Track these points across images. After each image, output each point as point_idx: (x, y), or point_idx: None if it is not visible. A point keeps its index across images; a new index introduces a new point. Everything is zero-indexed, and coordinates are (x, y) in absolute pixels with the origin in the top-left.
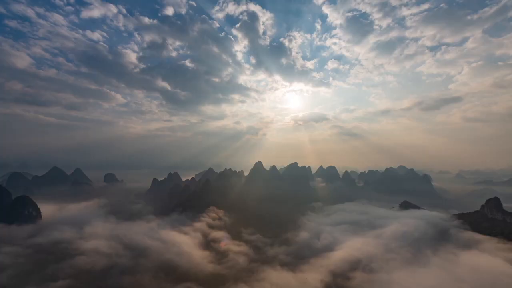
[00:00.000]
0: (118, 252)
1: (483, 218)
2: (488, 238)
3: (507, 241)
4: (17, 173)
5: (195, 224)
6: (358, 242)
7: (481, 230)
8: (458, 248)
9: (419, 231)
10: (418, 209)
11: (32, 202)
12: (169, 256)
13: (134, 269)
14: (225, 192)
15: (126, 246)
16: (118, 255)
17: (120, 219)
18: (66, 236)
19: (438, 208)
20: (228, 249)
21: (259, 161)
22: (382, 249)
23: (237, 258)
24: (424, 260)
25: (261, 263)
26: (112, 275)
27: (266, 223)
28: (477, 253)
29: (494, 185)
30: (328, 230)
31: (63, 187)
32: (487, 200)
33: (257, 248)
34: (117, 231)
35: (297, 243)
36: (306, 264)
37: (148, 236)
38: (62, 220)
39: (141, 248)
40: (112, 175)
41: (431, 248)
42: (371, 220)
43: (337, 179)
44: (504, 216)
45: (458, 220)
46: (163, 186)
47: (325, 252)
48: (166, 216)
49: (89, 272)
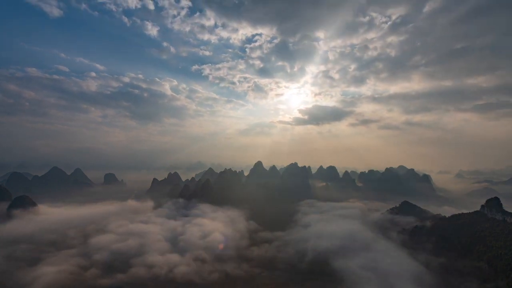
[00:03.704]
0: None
1: (483, 218)
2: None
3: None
4: (17, 173)
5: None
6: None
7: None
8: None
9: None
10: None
11: (32, 202)
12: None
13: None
14: (225, 192)
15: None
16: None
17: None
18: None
19: (438, 208)
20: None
21: (259, 161)
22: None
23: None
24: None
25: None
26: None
27: (266, 223)
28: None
29: (494, 185)
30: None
31: (63, 187)
32: (487, 200)
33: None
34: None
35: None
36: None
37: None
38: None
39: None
40: (112, 175)
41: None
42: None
43: (337, 179)
44: (504, 216)
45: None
46: (163, 186)
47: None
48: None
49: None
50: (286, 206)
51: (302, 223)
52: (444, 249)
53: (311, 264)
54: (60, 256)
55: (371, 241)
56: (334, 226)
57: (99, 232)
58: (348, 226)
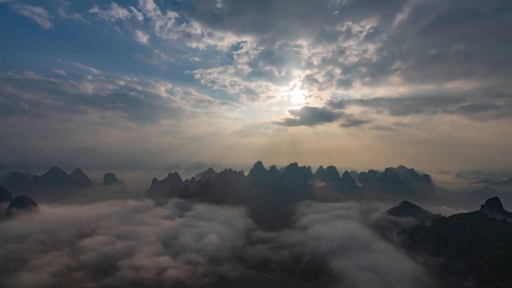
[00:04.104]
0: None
1: (483, 218)
2: None
3: None
4: (17, 173)
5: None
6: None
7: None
8: None
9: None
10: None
11: (32, 202)
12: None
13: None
14: (225, 192)
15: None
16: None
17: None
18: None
19: (438, 208)
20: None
21: (259, 161)
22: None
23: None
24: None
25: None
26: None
27: (265, 223)
28: None
29: (494, 185)
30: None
31: (63, 187)
32: (487, 200)
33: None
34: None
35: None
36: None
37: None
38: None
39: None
40: (112, 175)
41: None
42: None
43: (337, 179)
44: (504, 216)
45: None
46: (163, 186)
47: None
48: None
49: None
50: (286, 206)
51: (302, 223)
52: (444, 249)
53: (309, 264)
54: (49, 258)
55: (371, 241)
56: (333, 226)
57: (95, 233)
58: (347, 226)
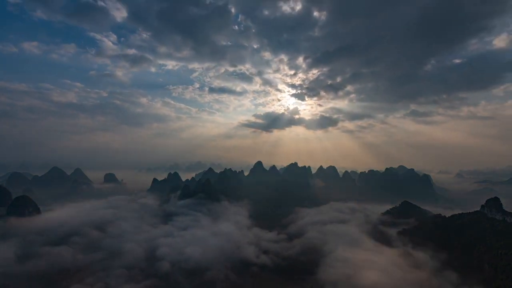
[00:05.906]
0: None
1: (483, 218)
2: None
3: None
4: (17, 173)
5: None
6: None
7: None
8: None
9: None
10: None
11: (32, 202)
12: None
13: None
14: (225, 192)
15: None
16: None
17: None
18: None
19: (438, 208)
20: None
21: (259, 161)
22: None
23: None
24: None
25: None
26: None
27: (265, 223)
28: None
29: (494, 185)
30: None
31: (63, 187)
32: (487, 200)
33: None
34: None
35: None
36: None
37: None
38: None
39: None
40: (112, 175)
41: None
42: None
43: (337, 179)
44: (504, 216)
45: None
46: (163, 186)
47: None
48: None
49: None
50: (286, 206)
51: (302, 223)
52: (444, 249)
53: (309, 264)
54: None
55: (371, 241)
56: (333, 227)
57: (95, 233)
58: (347, 226)
